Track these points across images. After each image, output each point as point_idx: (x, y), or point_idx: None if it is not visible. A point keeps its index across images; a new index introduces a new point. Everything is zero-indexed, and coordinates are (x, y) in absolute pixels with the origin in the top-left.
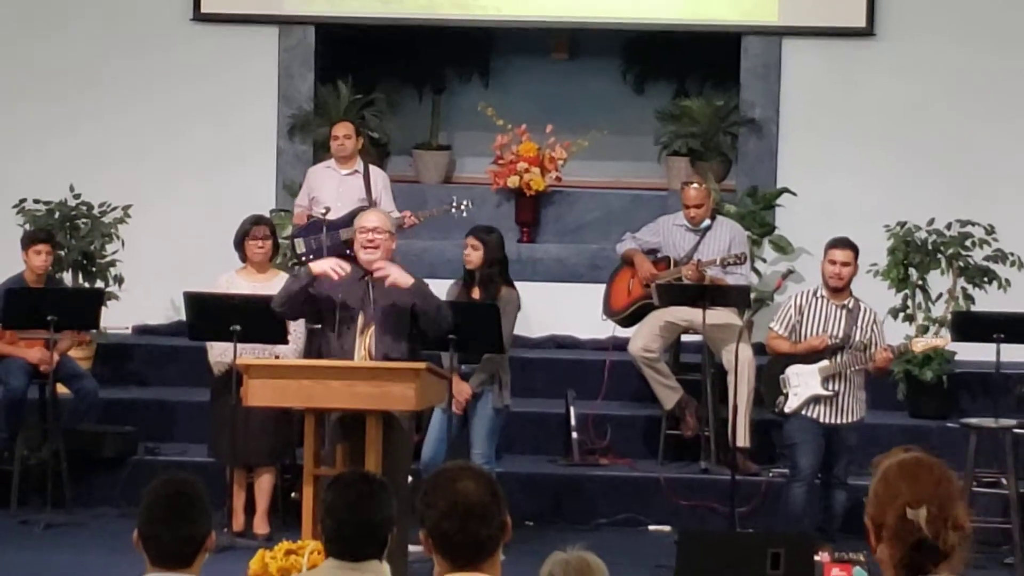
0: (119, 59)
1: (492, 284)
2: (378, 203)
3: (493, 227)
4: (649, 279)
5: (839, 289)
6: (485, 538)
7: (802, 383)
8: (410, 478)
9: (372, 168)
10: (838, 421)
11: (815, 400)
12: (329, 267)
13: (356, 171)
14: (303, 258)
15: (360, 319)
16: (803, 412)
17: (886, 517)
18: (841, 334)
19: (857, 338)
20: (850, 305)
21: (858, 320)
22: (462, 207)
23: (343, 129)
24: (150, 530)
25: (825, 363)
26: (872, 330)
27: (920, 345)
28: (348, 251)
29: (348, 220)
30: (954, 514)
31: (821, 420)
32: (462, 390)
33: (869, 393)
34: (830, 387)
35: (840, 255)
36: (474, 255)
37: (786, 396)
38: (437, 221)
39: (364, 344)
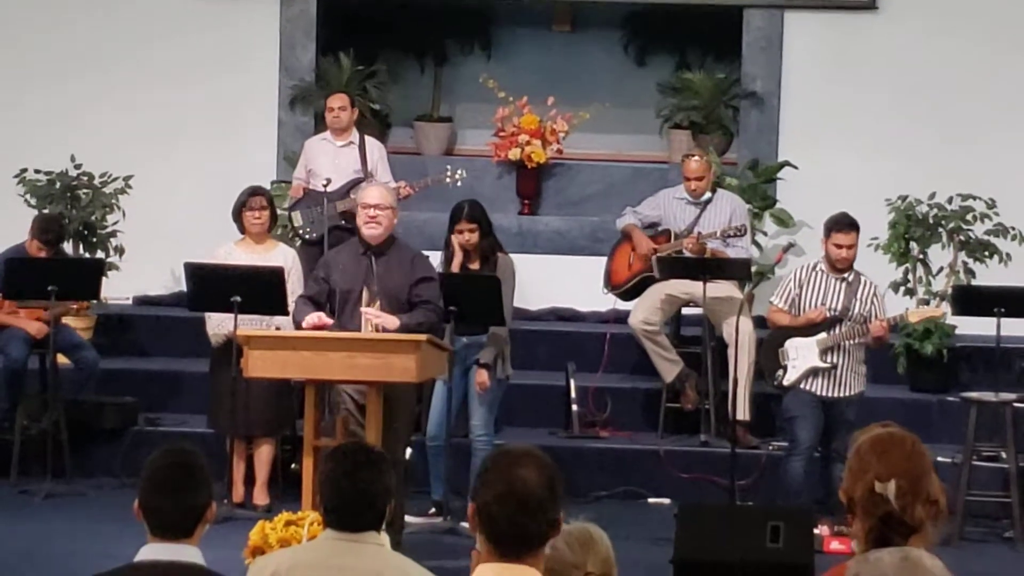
0: (121, 31)
1: (492, 254)
2: (374, 174)
3: (470, 200)
4: (649, 255)
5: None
6: (533, 533)
7: (800, 356)
8: (409, 450)
9: (368, 139)
10: (836, 394)
11: (813, 373)
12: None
13: (352, 142)
14: (300, 231)
15: (365, 295)
16: (801, 385)
17: (857, 491)
18: (840, 307)
19: (856, 310)
20: (850, 278)
21: (858, 293)
22: (457, 176)
23: (339, 101)
24: (151, 500)
25: (823, 335)
26: (872, 302)
27: (916, 316)
28: (344, 222)
29: (344, 192)
30: (925, 488)
31: (819, 393)
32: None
33: (870, 367)
34: (828, 359)
35: (846, 239)
36: (473, 237)
37: (785, 369)
38: (439, 193)
39: (370, 320)
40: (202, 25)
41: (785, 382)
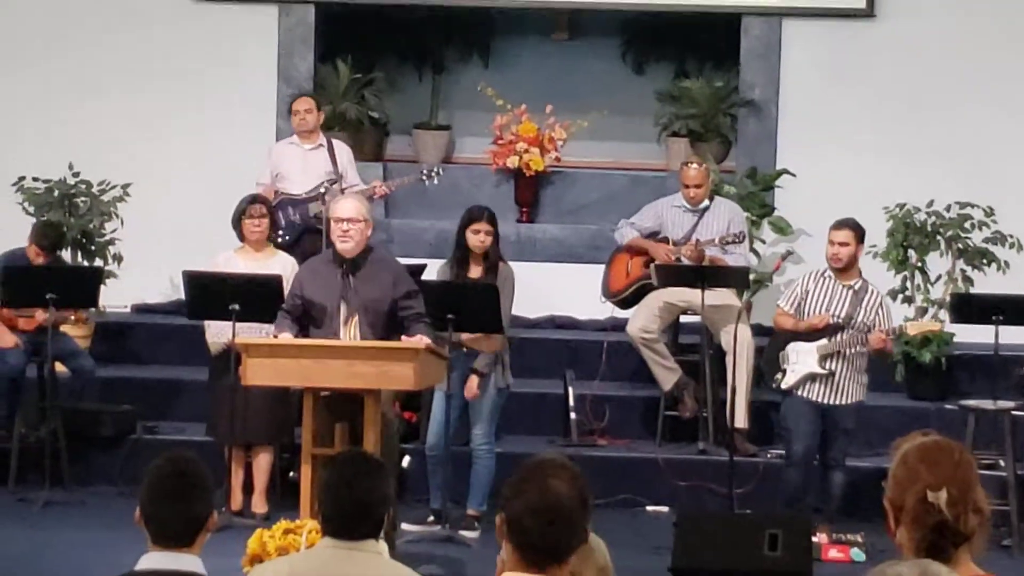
0: (120, 37)
1: (496, 262)
2: (344, 176)
3: (485, 206)
4: (669, 259)
5: (842, 270)
6: (563, 544)
7: (800, 360)
8: (407, 458)
9: (335, 142)
10: (833, 402)
11: (811, 379)
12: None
13: (320, 145)
14: (272, 235)
15: (343, 309)
16: (799, 392)
17: (906, 500)
18: (844, 314)
19: (860, 319)
20: (856, 286)
21: (863, 301)
22: (433, 175)
23: (304, 104)
24: (152, 509)
25: (824, 342)
26: (877, 312)
27: (914, 328)
28: (319, 226)
29: (317, 195)
30: (974, 497)
31: (816, 400)
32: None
33: (868, 375)
34: (827, 366)
35: (837, 236)
36: (488, 240)
37: (784, 372)
38: (438, 200)
39: (349, 334)
40: (200, 33)
41: (783, 385)
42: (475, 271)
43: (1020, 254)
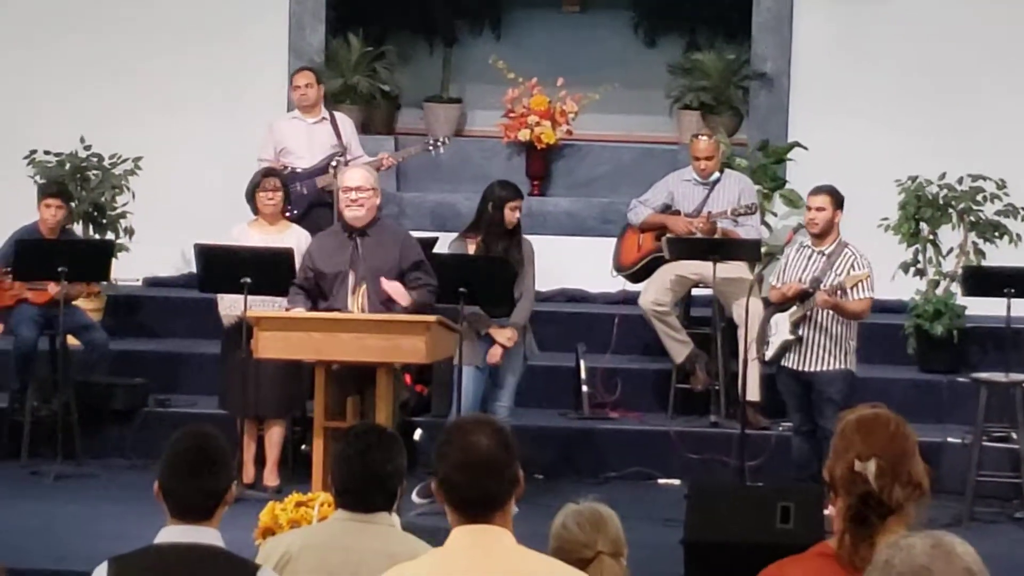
0: (130, 11)
1: (520, 237)
2: (348, 148)
3: (508, 181)
4: (690, 230)
5: (819, 235)
6: (495, 492)
7: (778, 330)
8: (419, 432)
9: (337, 114)
10: (808, 368)
11: (787, 348)
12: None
13: (323, 119)
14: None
15: (351, 278)
16: (783, 363)
17: (837, 469)
18: (811, 279)
19: (828, 282)
20: (828, 251)
21: (835, 265)
22: (439, 145)
23: (304, 78)
24: (171, 483)
25: (794, 308)
26: (847, 273)
27: (850, 281)
28: (327, 199)
29: (324, 168)
30: (907, 470)
31: (792, 367)
32: (511, 336)
33: (880, 348)
34: (798, 332)
35: (814, 201)
36: (518, 214)
37: (768, 344)
38: (449, 174)
39: (357, 303)
40: (212, 6)
41: (766, 357)
42: (498, 245)
43: None
